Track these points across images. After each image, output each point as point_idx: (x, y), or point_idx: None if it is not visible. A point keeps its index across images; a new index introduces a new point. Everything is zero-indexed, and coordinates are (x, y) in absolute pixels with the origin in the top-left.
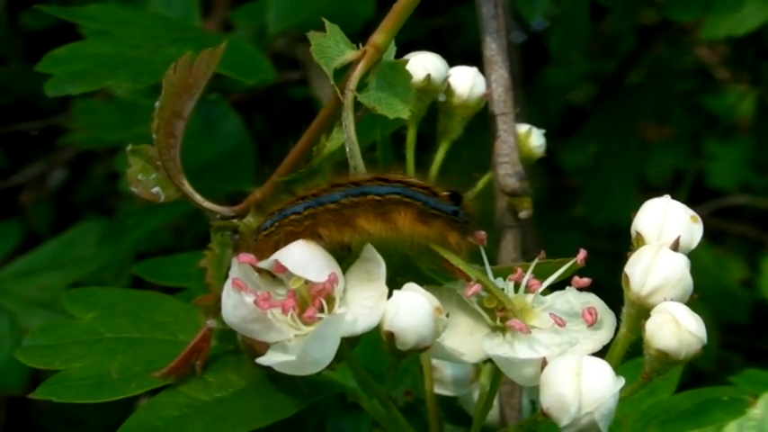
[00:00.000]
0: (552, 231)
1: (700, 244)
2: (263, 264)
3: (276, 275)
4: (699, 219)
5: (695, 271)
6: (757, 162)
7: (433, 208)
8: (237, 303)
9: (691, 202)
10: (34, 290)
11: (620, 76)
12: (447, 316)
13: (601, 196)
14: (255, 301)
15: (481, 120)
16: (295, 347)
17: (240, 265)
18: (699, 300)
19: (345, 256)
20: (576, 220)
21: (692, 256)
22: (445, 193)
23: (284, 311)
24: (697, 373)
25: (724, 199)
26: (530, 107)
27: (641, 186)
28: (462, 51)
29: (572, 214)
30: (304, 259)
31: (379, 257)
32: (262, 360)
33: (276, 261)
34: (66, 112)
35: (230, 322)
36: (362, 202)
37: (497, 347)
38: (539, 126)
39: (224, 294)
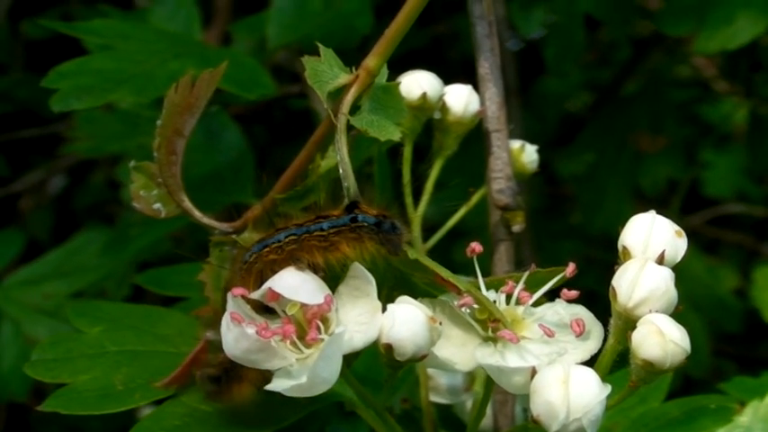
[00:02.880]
0: (549, 240)
1: (692, 254)
2: (255, 294)
3: (269, 305)
4: (683, 233)
5: (688, 280)
6: (753, 171)
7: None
8: (239, 336)
9: (686, 210)
10: (38, 298)
11: (617, 86)
12: (440, 324)
13: (596, 205)
14: (257, 332)
15: (476, 136)
16: (300, 371)
17: (234, 299)
18: (692, 309)
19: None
20: (572, 228)
21: (685, 265)
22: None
23: (285, 337)
24: (690, 381)
25: (720, 207)
26: (526, 116)
27: (636, 196)
28: (461, 60)
29: (569, 223)
30: (297, 283)
31: (369, 274)
32: (270, 387)
33: (269, 289)
34: (67, 121)
35: (234, 355)
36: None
37: (489, 357)
38: (535, 135)
39: (224, 329)
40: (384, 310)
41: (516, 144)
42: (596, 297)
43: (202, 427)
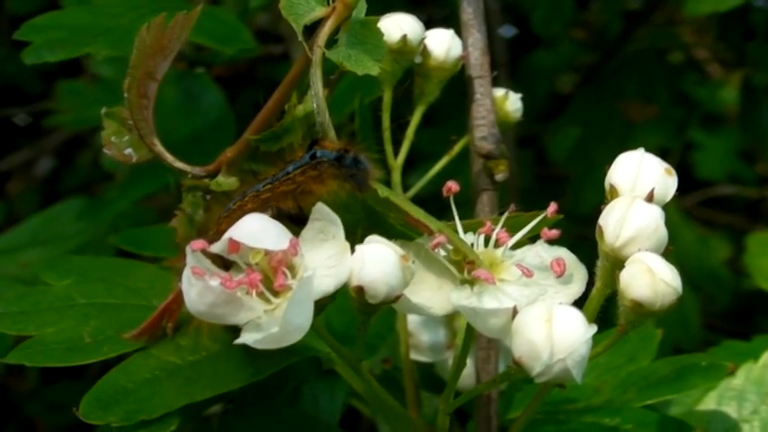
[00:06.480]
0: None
1: (683, 224)
2: (215, 248)
3: (229, 258)
4: (673, 171)
5: (679, 251)
6: (745, 152)
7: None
8: (202, 290)
9: (678, 192)
10: (16, 266)
11: (606, 61)
12: (413, 263)
13: (585, 177)
14: (222, 283)
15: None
16: (269, 322)
17: (194, 254)
18: (682, 280)
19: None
20: (563, 209)
21: (676, 236)
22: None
23: (251, 286)
24: (680, 353)
25: (712, 189)
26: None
27: None
28: None
29: (561, 203)
30: (259, 230)
31: (333, 214)
32: (240, 341)
33: (230, 239)
34: (53, 98)
35: (197, 311)
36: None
37: (464, 299)
38: (525, 109)
39: (185, 285)
40: (353, 251)
41: (500, 92)
42: (588, 274)
43: (173, 381)
